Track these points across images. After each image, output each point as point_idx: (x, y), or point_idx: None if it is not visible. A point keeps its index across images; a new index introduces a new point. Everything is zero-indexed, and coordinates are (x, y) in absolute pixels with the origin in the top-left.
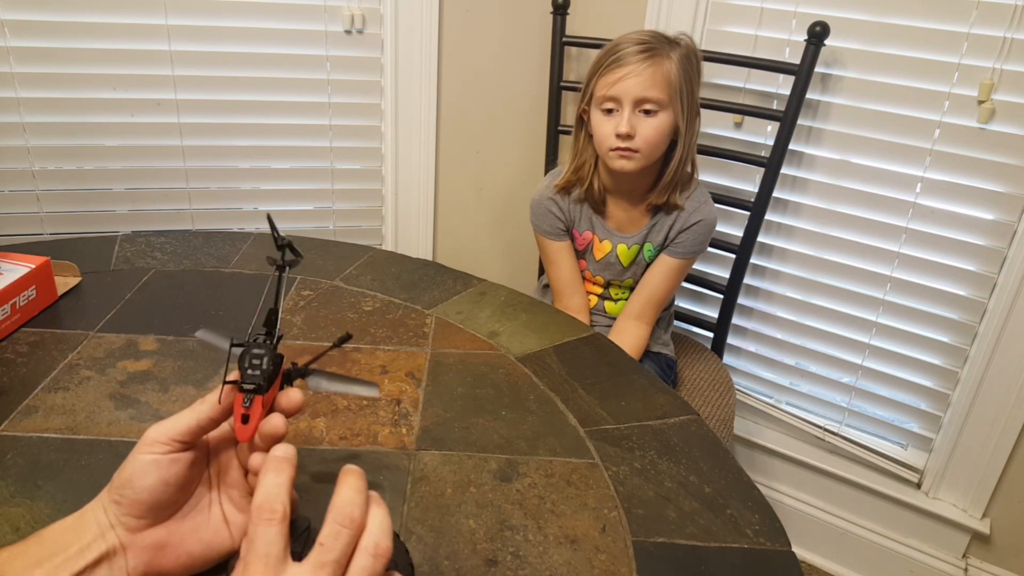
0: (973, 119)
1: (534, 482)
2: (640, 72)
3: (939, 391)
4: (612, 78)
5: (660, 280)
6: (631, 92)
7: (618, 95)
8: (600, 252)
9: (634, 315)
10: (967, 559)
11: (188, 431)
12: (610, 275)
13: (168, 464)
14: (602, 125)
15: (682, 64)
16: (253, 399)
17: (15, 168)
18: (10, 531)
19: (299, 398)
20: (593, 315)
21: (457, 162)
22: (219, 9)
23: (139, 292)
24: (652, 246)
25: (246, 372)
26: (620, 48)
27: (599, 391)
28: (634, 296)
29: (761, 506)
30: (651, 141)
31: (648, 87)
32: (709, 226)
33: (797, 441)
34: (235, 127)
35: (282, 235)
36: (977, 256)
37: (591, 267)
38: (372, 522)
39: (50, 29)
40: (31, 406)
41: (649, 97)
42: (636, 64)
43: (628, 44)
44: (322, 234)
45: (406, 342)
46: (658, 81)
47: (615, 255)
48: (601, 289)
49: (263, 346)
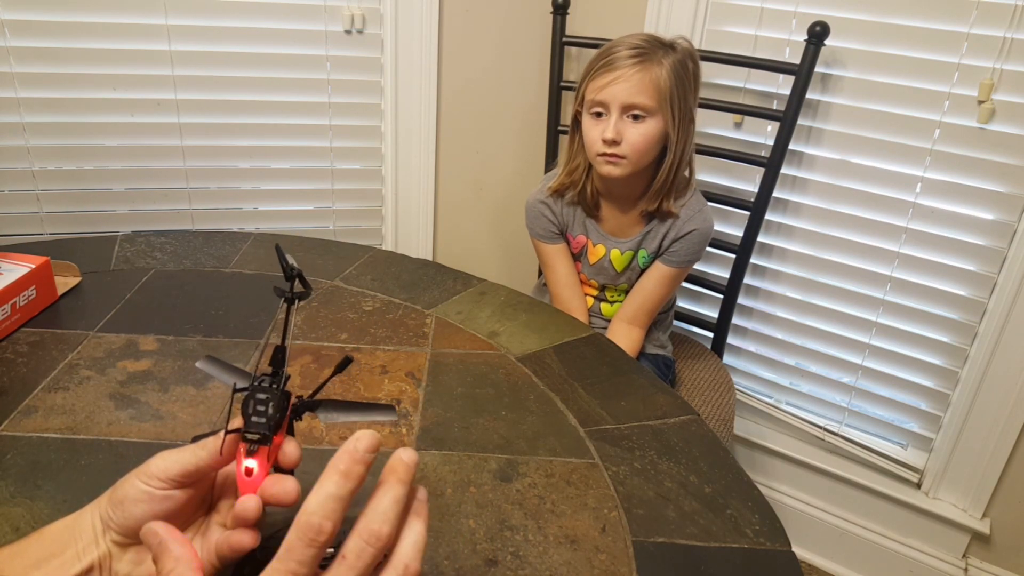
0: (973, 119)
1: (534, 482)
2: (629, 77)
3: (939, 391)
4: (601, 82)
5: (654, 287)
6: (619, 97)
7: (606, 100)
8: (594, 256)
9: (627, 319)
10: (967, 559)
11: (186, 473)
12: (604, 279)
13: (161, 499)
14: (591, 129)
15: (675, 70)
16: (258, 449)
17: (15, 168)
18: (10, 531)
19: (296, 455)
20: (590, 316)
21: (457, 162)
22: (219, 9)
23: (139, 292)
24: (646, 252)
25: (250, 419)
26: (612, 52)
27: (599, 391)
28: (628, 300)
29: (761, 506)
30: (638, 147)
31: (636, 93)
32: (704, 235)
33: (797, 441)
34: (235, 127)
35: (292, 264)
36: (977, 256)
37: (586, 271)
38: (406, 540)
39: (50, 29)
40: (31, 406)
41: (637, 103)
42: (626, 69)
43: (621, 48)
44: (322, 234)
45: (406, 342)
46: (647, 87)
47: (608, 260)
48: (596, 292)
49: (268, 390)
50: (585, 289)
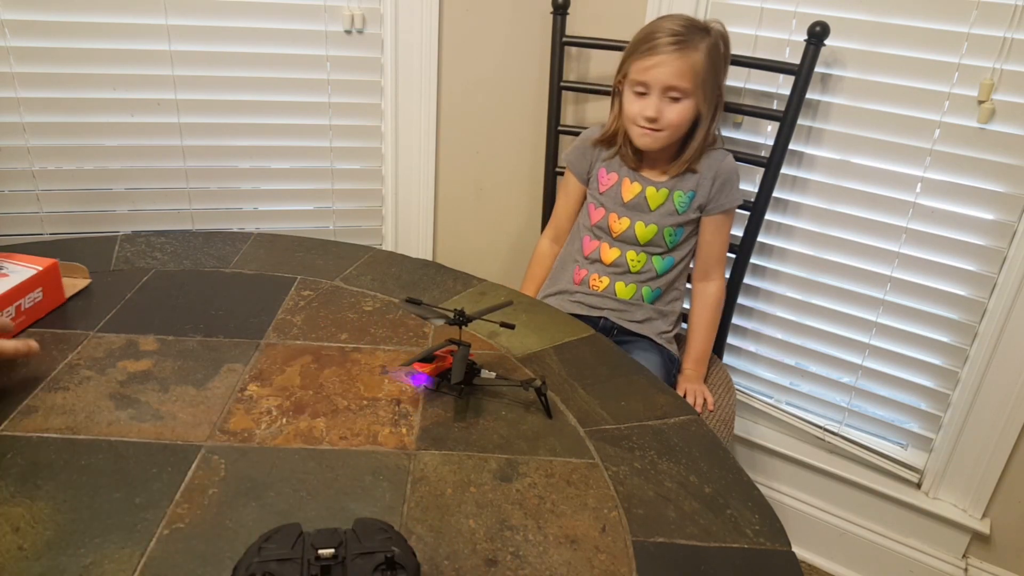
0: (973, 119)
1: (534, 482)
2: (670, 62)
3: (939, 391)
4: (644, 64)
5: (711, 238)
6: (660, 80)
7: (648, 81)
8: (628, 192)
9: (701, 277)
10: (967, 559)
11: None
12: (636, 215)
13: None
14: (632, 104)
15: (709, 54)
16: None
17: (15, 168)
18: (10, 531)
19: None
20: (602, 298)
21: (457, 162)
22: (219, 9)
23: (139, 292)
24: (682, 193)
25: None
26: (655, 36)
27: (599, 391)
28: (696, 262)
29: (761, 506)
30: (674, 124)
31: (676, 77)
32: (730, 181)
33: (797, 441)
34: (235, 127)
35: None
36: (977, 256)
37: (617, 208)
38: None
39: (50, 29)
40: (31, 406)
41: (676, 86)
42: (667, 54)
43: (662, 34)
44: (322, 234)
45: (406, 342)
46: (685, 72)
47: (644, 196)
48: (618, 253)
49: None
50: (606, 250)
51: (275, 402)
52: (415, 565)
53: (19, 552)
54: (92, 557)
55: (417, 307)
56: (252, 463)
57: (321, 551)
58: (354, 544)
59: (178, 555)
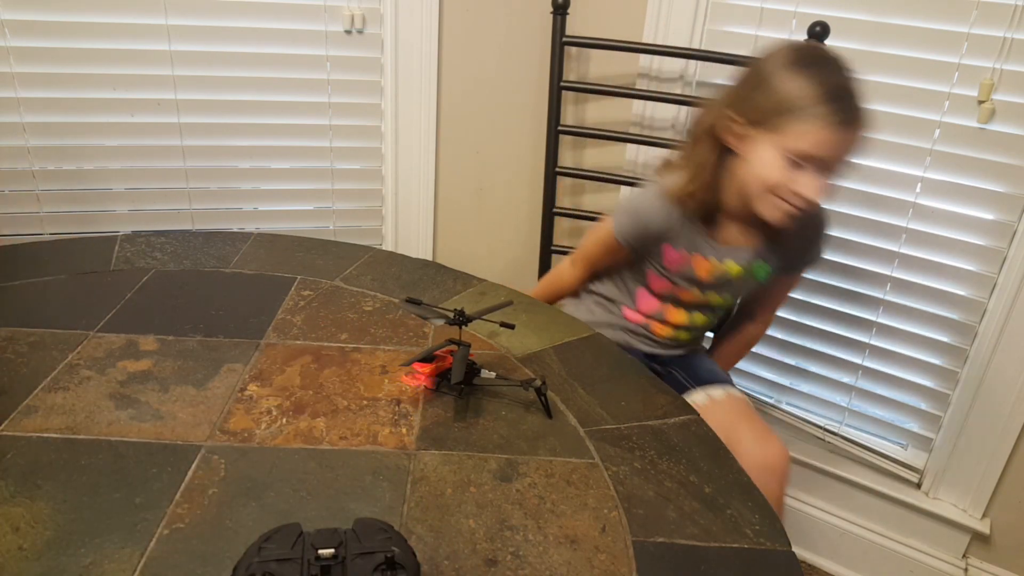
0: (973, 119)
1: (534, 482)
2: (850, 142)
3: (939, 391)
4: (822, 136)
5: (778, 292)
6: (832, 158)
7: (826, 158)
8: (704, 271)
9: (748, 315)
10: (967, 559)
11: None
12: (717, 292)
13: None
14: (778, 171)
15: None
16: None
17: (15, 168)
18: (10, 531)
19: None
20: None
21: (457, 162)
22: (219, 9)
23: (139, 292)
24: (767, 265)
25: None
26: (851, 109)
27: (599, 391)
28: (747, 301)
29: (761, 506)
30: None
31: (844, 156)
32: (821, 231)
33: (797, 441)
34: (235, 127)
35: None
36: (977, 256)
37: (685, 284)
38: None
39: (50, 29)
40: (31, 406)
41: (838, 166)
42: (855, 132)
43: (853, 100)
44: (322, 234)
45: (406, 342)
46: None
47: (723, 273)
48: (685, 317)
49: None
50: (672, 311)
51: (275, 402)
52: (415, 565)
53: (19, 552)
54: (92, 557)
55: (417, 307)
56: (252, 463)
57: (321, 551)
58: (354, 544)
59: (178, 555)
